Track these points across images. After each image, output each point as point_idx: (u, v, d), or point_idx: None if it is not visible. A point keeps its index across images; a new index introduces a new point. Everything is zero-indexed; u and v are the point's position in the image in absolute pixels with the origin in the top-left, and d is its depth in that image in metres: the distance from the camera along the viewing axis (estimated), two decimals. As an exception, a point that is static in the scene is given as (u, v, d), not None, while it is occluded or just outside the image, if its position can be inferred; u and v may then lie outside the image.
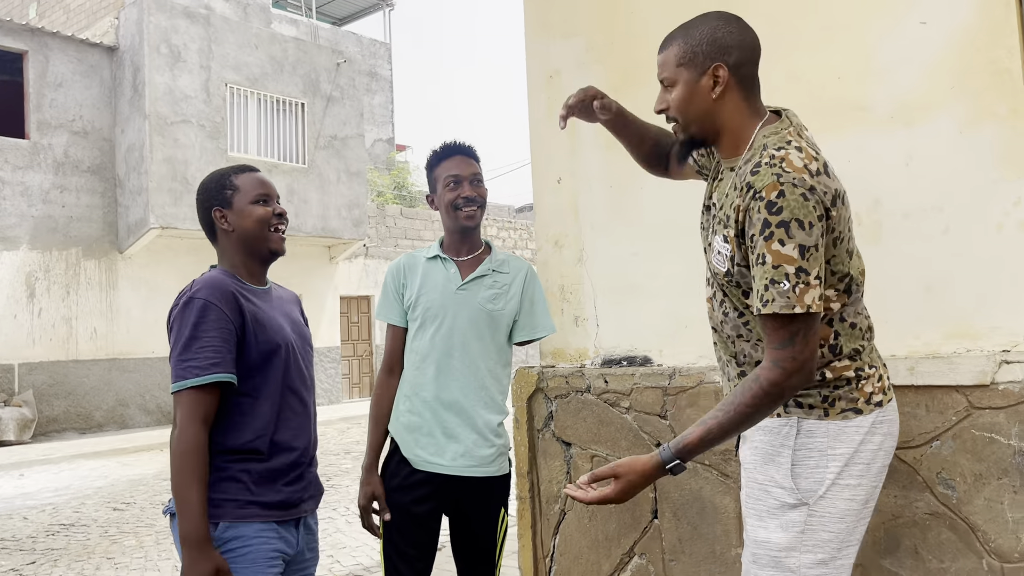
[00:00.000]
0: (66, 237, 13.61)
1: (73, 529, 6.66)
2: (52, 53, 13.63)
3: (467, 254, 2.58)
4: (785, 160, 1.59)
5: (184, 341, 1.88)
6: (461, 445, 2.45)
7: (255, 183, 2.07)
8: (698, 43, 1.72)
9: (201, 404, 1.87)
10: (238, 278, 2.04)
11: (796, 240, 1.54)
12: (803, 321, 1.56)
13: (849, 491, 1.65)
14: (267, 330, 1.99)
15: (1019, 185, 2.06)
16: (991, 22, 2.11)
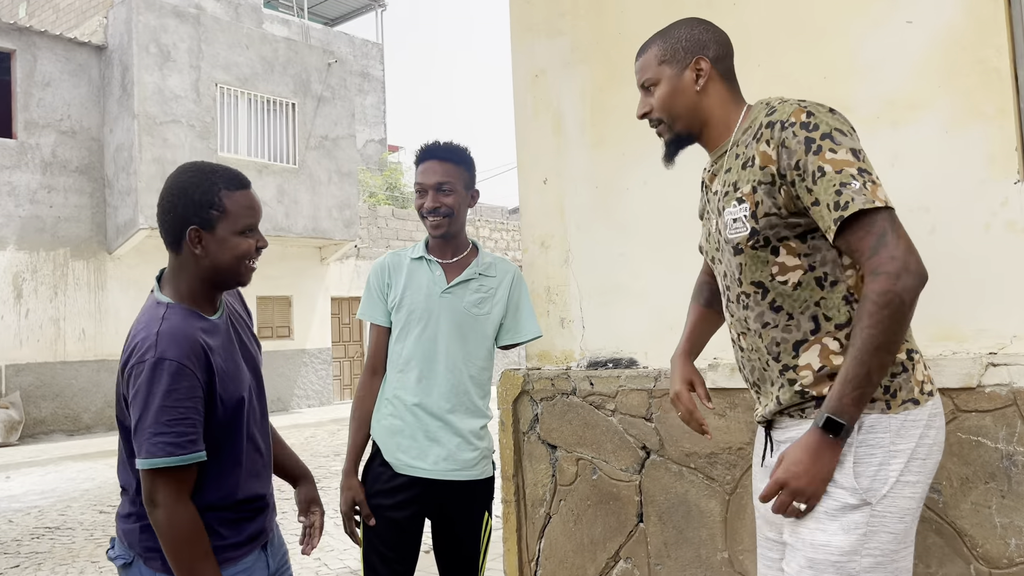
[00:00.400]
0: (54, 237, 13.52)
1: (58, 532, 6.59)
2: (40, 52, 13.54)
3: (452, 256, 2.54)
4: (795, 98, 1.64)
5: (155, 411, 1.64)
6: (444, 449, 2.42)
7: (246, 209, 1.78)
8: (677, 41, 1.78)
9: (184, 481, 1.69)
10: (197, 313, 1.79)
11: (845, 145, 1.54)
12: (885, 218, 1.50)
13: (910, 488, 1.56)
14: (232, 382, 1.80)
15: (1006, 185, 2.04)
16: (978, 21, 2.09)
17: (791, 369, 1.63)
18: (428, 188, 2.47)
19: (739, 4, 2.50)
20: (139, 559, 1.75)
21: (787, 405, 1.65)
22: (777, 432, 1.71)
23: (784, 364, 1.64)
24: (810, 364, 1.61)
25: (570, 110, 2.92)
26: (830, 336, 1.60)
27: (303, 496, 2.15)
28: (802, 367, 1.62)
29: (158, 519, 1.67)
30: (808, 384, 1.61)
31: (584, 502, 2.76)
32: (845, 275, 1.60)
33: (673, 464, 2.55)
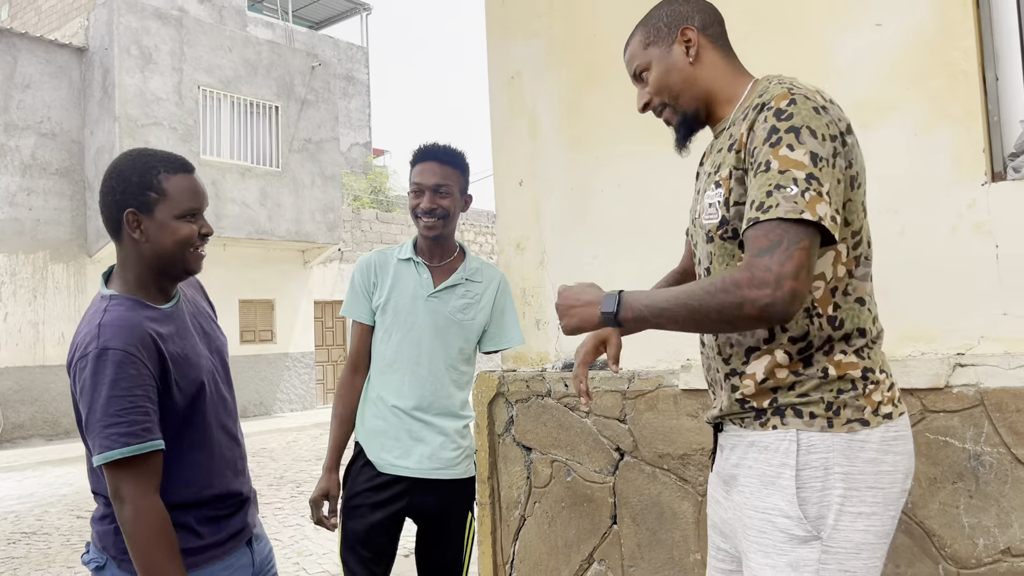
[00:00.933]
0: (33, 240, 13.40)
1: (35, 537, 6.52)
2: (20, 54, 13.43)
3: (440, 259, 2.52)
4: (795, 82, 1.50)
5: (103, 403, 1.58)
6: (427, 447, 2.41)
7: (188, 192, 1.72)
8: (659, 19, 1.66)
9: (147, 473, 1.61)
10: (144, 303, 1.72)
11: (807, 147, 1.36)
12: (797, 231, 1.32)
13: (864, 520, 1.42)
14: (189, 368, 1.73)
15: (974, 187, 2.05)
16: (947, 24, 2.11)
17: (737, 375, 1.54)
18: (425, 189, 2.45)
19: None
20: (112, 562, 1.71)
21: (727, 412, 1.57)
22: (722, 436, 1.63)
23: (732, 368, 1.55)
24: (755, 374, 1.51)
25: (545, 112, 2.92)
26: (782, 348, 1.48)
27: None
28: (747, 375, 1.52)
29: (124, 515, 1.60)
30: (749, 394, 1.52)
31: (558, 504, 2.75)
32: (813, 287, 1.46)
33: (646, 465, 2.55)
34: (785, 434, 1.46)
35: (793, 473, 1.44)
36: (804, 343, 1.47)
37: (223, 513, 1.83)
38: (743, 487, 1.52)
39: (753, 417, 1.51)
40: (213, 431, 1.80)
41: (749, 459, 1.51)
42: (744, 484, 1.51)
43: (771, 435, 1.48)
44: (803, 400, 1.46)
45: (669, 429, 2.50)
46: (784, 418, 1.47)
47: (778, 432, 1.47)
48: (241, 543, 1.87)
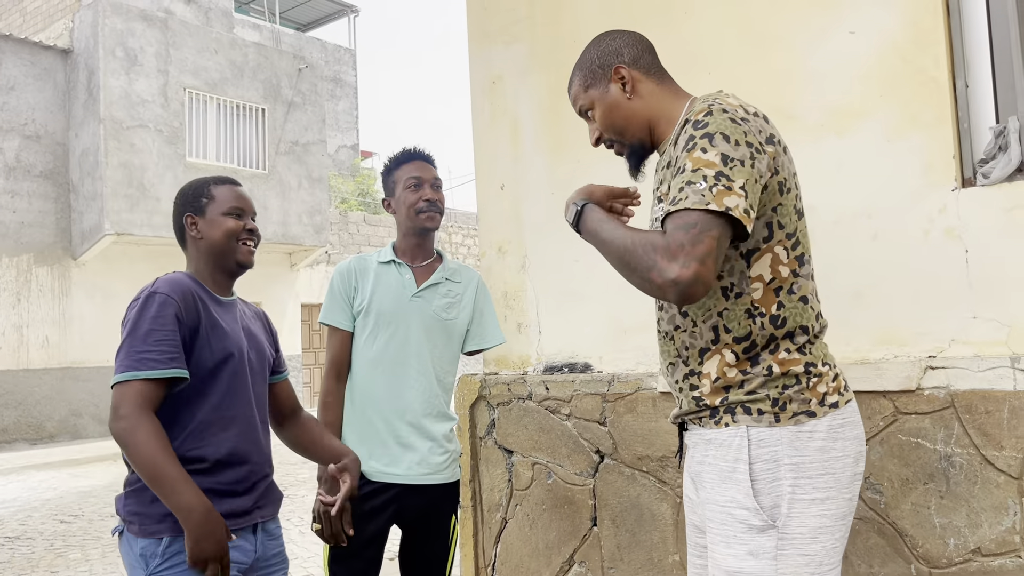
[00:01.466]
0: (17, 243, 13.31)
1: (18, 542, 6.49)
2: (4, 56, 13.34)
3: (422, 260, 2.55)
4: (719, 97, 1.60)
5: (141, 333, 1.81)
6: (416, 454, 2.42)
7: (231, 195, 2.06)
8: (591, 62, 1.77)
9: (151, 396, 1.79)
10: (202, 284, 2.01)
11: (719, 149, 1.46)
12: (710, 220, 1.41)
13: (818, 506, 1.50)
14: (223, 337, 1.95)
15: (945, 192, 2.09)
16: (918, 32, 2.14)
17: (695, 375, 1.62)
18: (426, 182, 2.50)
19: (691, 13, 2.54)
20: (125, 527, 1.86)
21: (687, 412, 1.65)
22: (687, 435, 1.71)
23: (691, 369, 1.63)
24: (710, 373, 1.59)
25: (526, 117, 2.94)
26: (728, 348, 1.57)
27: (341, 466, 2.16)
28: (703, 375, 1.60)
29: (119, 429, 1.75)
30: (705, 393, 1.60)
31: (539, 507, 2.77)
32: (751, 288, 1.56)
33: (626, 468, 2.57)
34: (737, 431, 1.55)
35: (747, 467, 1.53)
36: (748, 343, 1.56)
37: (227, 489, 1.91)
38: (705, 483, 1.61)
39: (708, 416, 1.60)
40: (235, 400, 1.96)
41: (709, 456, 1.60)
42: (706, 480, 1.61)
43: (724, 432, 1.57)
44: (751, 398, 1.55)
45: (648, 432, 2.52)
46: (735, 416, 1.56)
47: (730, 429, 1.56)
48: (243, 525, 1.93)
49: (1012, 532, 1.92)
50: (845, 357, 2.20)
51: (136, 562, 1.83)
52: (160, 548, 1.81)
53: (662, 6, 2.59)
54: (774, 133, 1.59)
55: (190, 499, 1.73)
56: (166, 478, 1.73)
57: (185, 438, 1.88)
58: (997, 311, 2.00)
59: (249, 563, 1.95)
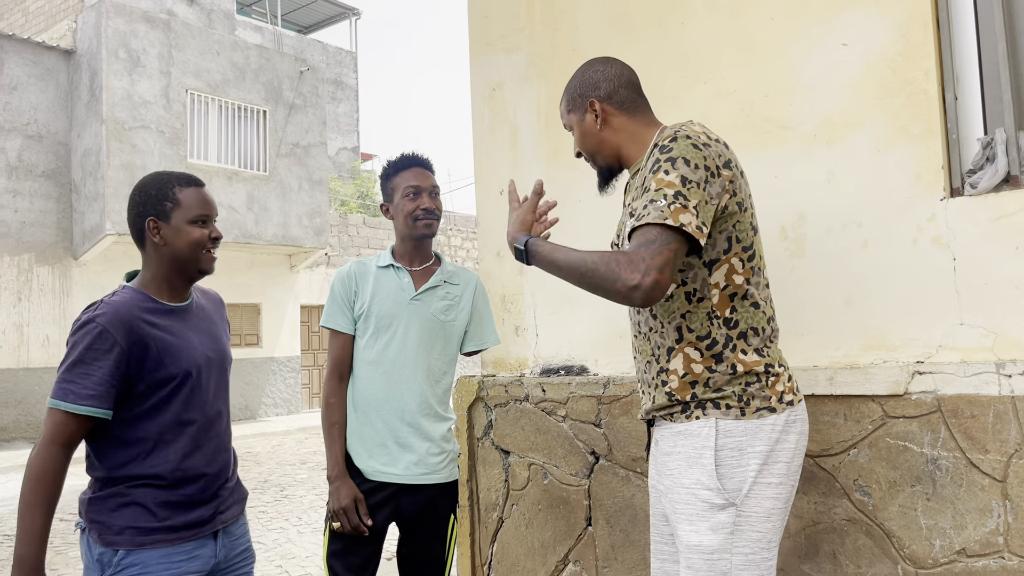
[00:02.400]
0: (18, 242, 13.35)
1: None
2: (7, 55, 13.40)
3: (420, 264, 2.60)
4: (686, 125, 1.81)
5: (71, 362, 1.82)
6: (414, 454, 2.47)
7: (198, 201, 2.00)
8: (574, 90, 1.99)
9: (68, 429, 1.81)
10: (153, 297, 1.97)
11: (679, 172, 1.67)
12: (668, 234, 1.63)
13: (772, 490, 1.73)
14: (175, 356, 1.93)
15: (933, 202, 2.13)
16: (909, 45, 2.19)
17: (665, 372, 1.82)
18: (424, 190, 2.56)
19: (687, 23, 2.59)
20: (87, 530, 1.91)
21: (659, 407, 1.84)
22: (655, 430, 1.91)
23: (661, 367, 1.83)
24: (677, 370, 1.80)
25: (526, 123, 2.99)
26: (691, 346, 1.78)
27: None
28: (671, 371, 1.81)
29: (31, 456, 1.80)
30: (674, 388, 1.80)
31: (535, 506, 2.82)
32: (711, 293, 1.77)
33: (620, 469, 2.62)
34: (706, 422, 1.76)
35: (712, 454, 1.73)
36: (709, 340, 1.78)
37: (186, 500, 1.93)
38: (672, 470, 1.80)
39: (680, 411, 1.80)
40: (192, 417, 1.96)
41: (678, 446, 1.79)
42: (672, 467, 1.80)
43: (695, 424, 1.77)
44: (719, 395, 1.76)
45: (643, 434, 2.57)
46: (705, 410, 1.77)
47: (700, 421, 1.77)
48: (202, 534, 1.95)
49: (996, 533, 1.97)
50: (835, 362, 2.25)
51: (93, 565, 1.89)
52: (116, 559, 1.86)
53: (659, 17, 2.64)
54: (731, 158, 1.78)
55: (30, 555, 1.76)
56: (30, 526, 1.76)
57: (141, 456, 1.90)
58: (983, 318, 2.05)
59: (207, 570, 1.98)
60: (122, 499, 1.88)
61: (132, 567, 1.85)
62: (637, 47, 2.66)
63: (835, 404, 2.21)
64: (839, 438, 2.20)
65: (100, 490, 1.90)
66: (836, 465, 2.20)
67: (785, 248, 2.35)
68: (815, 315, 2.29)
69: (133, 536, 1.86)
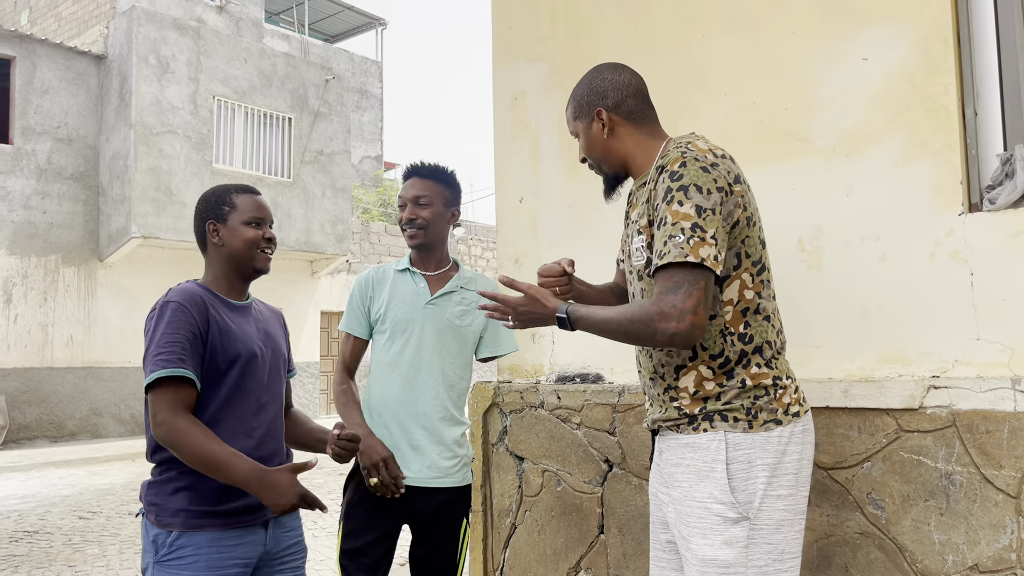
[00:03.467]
0: (46, 243, 13.56)
1: (37, 536, 6.61)
2: (40, 60, 13.65)
3: (435, 269, 2.65)
4: (691, 144, 1.81)
5: (157, 339, 1.96)
6: (427, 458, 2.50)
7: (252, 205, 2.16)
8: (581, 97, 1.99)
9: (181, 395, 1.93)
10: (214, 292, 2.12)
11: (693, 201, 1.69)
12: (693, 273, 1.67)
13: (783, 501, 1.73)
14: (233, 340, 2.06)
15: (951, 217, 2.14)
16: (929, 60, 2.20)
17: (672, 389, 1.83)
18: (408, 201, 2.60)
19: (708, 36, 2.61)
20: (145, 512, 2.02)
21: (667, 419, 1.85)
22: (659, 439, 1.93)
23: (668, 384, 1.85)
24: (687, 387, 1.81)
25: (546, 132, 3.02)
26: (704, 364, 1.79)
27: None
28: (681, 389, 1.81)
29: (161, 435, 1.91)
30: (685, 404, 1.81)
31: (548, 513, 2.83)
32: (723, 311, 1.78)
33: (634, 477, 2.63)
34: (715, 436, 1.76)
35: (724, 467, 1.73)
36: (722, 359, 1.78)
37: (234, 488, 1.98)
38: (680, 482, 1.80)
39: (687, 423, 1.81)
40: (247, 400, 2.07)
41: (687, 459, 1.79)
42: (681, 479, 1.80)
43: (703, 437, 1.78)
44: (727, 407, 1.77)
45: (656, 442, 2.57)
46: (713, 423, 1.77)
47: (708, 434, 1.77)
48: (253, 522, 2.04)
49: (1009, 550, 1.96)
50: (850, 375, 2.25)
51: (149, 546, 1.99)
52: (169, 539, 1.96)
53: (681, 30, 2.67)
54: (739, 173, 1.80)
55: (246, 473, 1.88)
56: (218, 463, 1.88)
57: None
58: (1000, 333, 2.05)
59: (256, 558, 2.05)
60: (178, 483, 1.98)
61: (184, 548, 1.95)
62: (659, 59, 2.69)
63: (849, 417, 2.21)
64: (853, 451, 2.20)
65: (160, 474, 2.01)
66: (849, 478, 2.20)
67: (802, 260, 2.36)
68: (831, 328, 2.29)
69: (186, 519, 1.96)
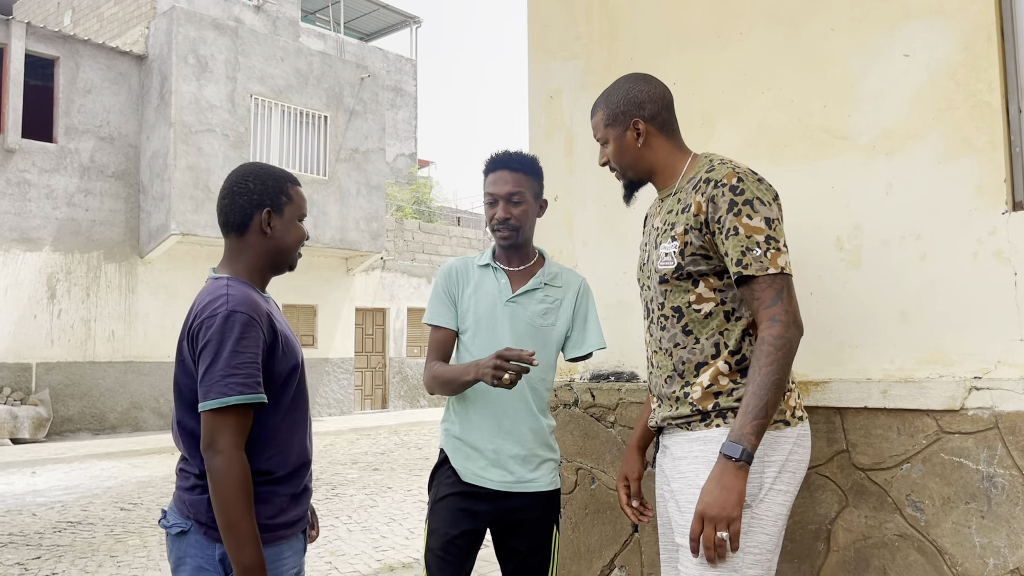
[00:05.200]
0: (88, 240, 13.85)
1: (80, 527, 6.76)
2: (83, 60, 13.93)
3: (519, 264, 2.50)
4: (733, 161, 1.92)
5: (227, 355, 1.76)
6: (509, 464, 2.38)
7: (304, 201, 2.07)
8: (616, 105, 2.04)
9: (244, 426, 1.78)
10: (255, 288, 1.96)
11: (761, 214, 1.81)
12: (783, 280, 1.79)
13: (782, 496, 1.84)
14: (291, 346, 1.95)
15: (995, 215, 2.10)
16: (972, 56, 2.16)
17: (690, 385, 1.90)
18: (499, 198, 2.43)
19: (746, 34, 2.59)
20: (198, 528, 1.83)
21: (679, 416, 1.91)
22: (665, 437, 1.99)
23: (687, 381, 1.92)
24: (702, 382, 1.88)
25: (581, 131, 3.02)
26: (723, 361, 1.87)
27: None
28: (696, 384, 1.89)
29: (215, 464, 1.74)
30: (696, 399, 1.88)
31: (582, 511, 2.83)
32: (747, 313, 1.88)
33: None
34: (726, 430, 1.83)
35: None
36: (740, 356, 1.88)
37: (298, 494, 1.94)
38: (684, 474, 1.88)
39: (699, 419, 1.88)
40: (302, 405, 1.99)
41: (695, 451, 1.87)
42: (685, 471, 1.88)
43: (714, 431, 1.86)
44: (740, 405, 1.81)
45: (691, 441, 2.57)
46: (725, 419, 1.85)
47: (721, 429, 1.85)
48: (302, 529, 1.99)
49: (1052, 555, 1.93)
50: (889, 375, 2.22)
51: (210, 565, 1.82)
52: None
53: (717, 27, 2.65)
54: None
55: (256, 558, 1.74)
56: (241, 531, 1.73)
57: (261, 448, 1.87)
58: (1044, 334, 2.01)
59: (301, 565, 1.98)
60: None
61: (269, 563, 1.84)
62: (695, 57, 2.67)
63: (888, 418, 2.19)
64: (891, 452, 2.18)
65: None
66: (888, 479, 2.18)
67: (840, 259, 2.33)
68: (869, 327, 2.27)
69: (263, 532, 1.83)
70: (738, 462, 1.71)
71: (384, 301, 18.42)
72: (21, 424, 12.53)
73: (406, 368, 19.21)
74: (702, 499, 1.73)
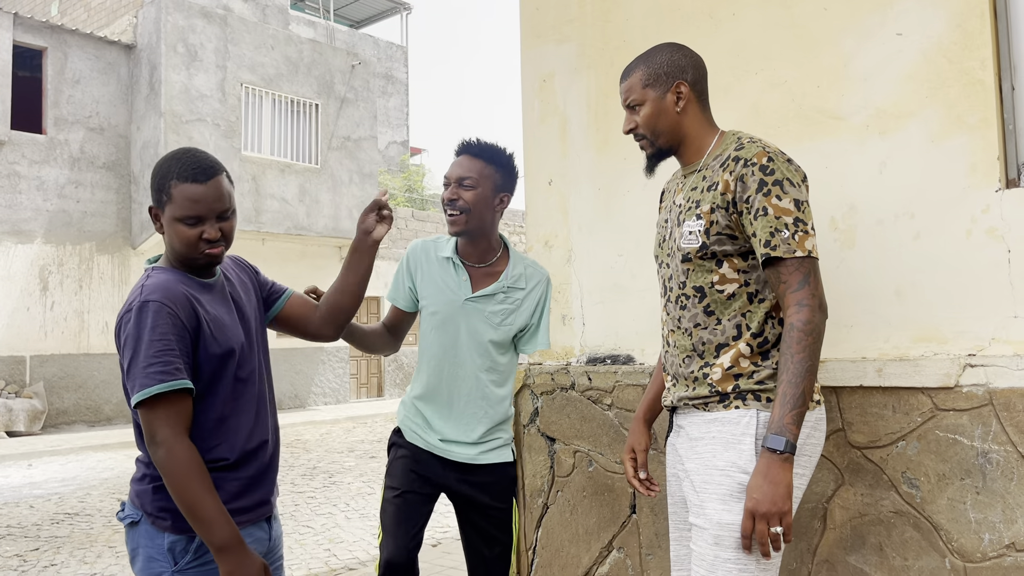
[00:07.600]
0: (80, 232, 13.80)
1: (77, 518, 6.77)
2: (71, 50, 13.83)
3: (480, 261, 2.50)
4: (762, 140, 1.89)
5: (144, 347, 1.72)
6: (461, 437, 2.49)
7: (188, 201, 1.82)
8: (660, 66, 1.99)
9: (179, 412, 1.74)
10: (183, 273, 1.88)
11: (790, 195, 1.79)
12: (810, 264, 1.78)
13: (797, 480, 1.82)
14: (223, 329, 1.87)
15: (988, 193, 2.11)
16: (965, 34, 2.16)
17: (710, 366, 1.89)
18: (451, 181, 2.43)
19: (738, 15, 2.58)
20: (147, 519, 1.82)
21: (696, 396, 1.90)
22: (680, 417, 1.98)
23: (706, 362, 1.90)
24: (723, 364, 1.87)
25: (575, 114, 3.02)
26: (745, 343, 1.86)
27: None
28: (717, 365, 1.88)
29: (158, 457, 1.71)
30: (716, 380, 1.87)
31: (580, 493, 2.85)
32: (771, 295, 1.87)
33: (664, 457, 2.63)
34: (746, 412, 1.83)
35: (752, 440, 1.80)
36: (762, 338, 1.86)
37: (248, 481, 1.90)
38: (701, 454, 1.86)
39: (718, 400, 1.87)
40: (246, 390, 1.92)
41: (712, 432, 1.86)
42: (702, 451, 1.86)
43: (734, 413, 1.84)
44: (761, 387, 1.84)
45: (688, 423, 2.58)
46: (745, 400, 1.84)
47: (740, 411, 1.84)
48: (263, 516, 1.94)
49: (1047, 529, 1.95)
50: (884, 354, 2.23)
51: (160, 555, 1.80)
52: (193, 545, 1.80)
53: (710, 8, 2.64)
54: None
55: (225, 538, 1.70)
56: (204, 517, 1.70)
57: (205, 437, 1.83)
58: (1038, 311, 2.02)
59: (263, 553, 1.95)
60: None
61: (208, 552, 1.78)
62: (688, 38, 2.66)
63: (883, 396, 2.20)
64: (887, 430, 2.19)
65: None
66: (884, 457, 2.19)
67: (835, 239, 2.34)
68: (864, 306, 2.28)
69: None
70: (783, 454, 1.70)
71: (378, 289, 18.40)
72: (16, 417, 12.51)
73: (401, 356, 19.22)
74: (750, 496, 1.71)
